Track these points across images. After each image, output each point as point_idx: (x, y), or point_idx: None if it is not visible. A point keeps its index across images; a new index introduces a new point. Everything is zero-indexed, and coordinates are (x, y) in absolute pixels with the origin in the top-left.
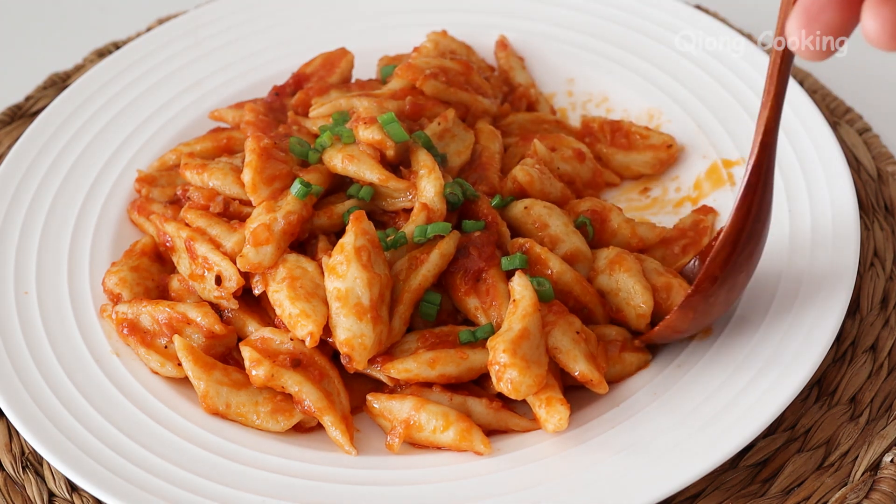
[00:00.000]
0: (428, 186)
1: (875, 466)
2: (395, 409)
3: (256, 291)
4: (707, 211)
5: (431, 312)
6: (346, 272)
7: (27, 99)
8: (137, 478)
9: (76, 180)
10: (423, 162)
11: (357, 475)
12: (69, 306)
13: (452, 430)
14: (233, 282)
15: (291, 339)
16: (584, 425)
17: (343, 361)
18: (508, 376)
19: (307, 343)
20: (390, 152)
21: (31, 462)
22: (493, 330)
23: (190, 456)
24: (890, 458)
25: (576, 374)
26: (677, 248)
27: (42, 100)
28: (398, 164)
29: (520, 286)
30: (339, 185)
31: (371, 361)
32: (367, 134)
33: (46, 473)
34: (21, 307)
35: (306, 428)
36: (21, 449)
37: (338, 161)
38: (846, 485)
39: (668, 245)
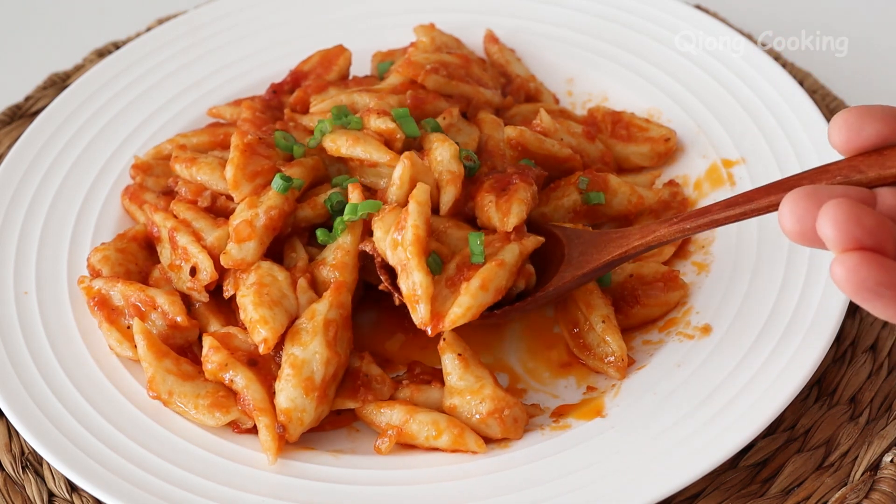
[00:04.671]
0: (443, 151)
1: (875, 466)
2: (386, 416)
3: (227, 294)
4: (674, 183)
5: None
6: (308, 342)
7: (27, 99)
8: (137, 478)
9: (76, 180)
10: (435, 136)
11: (356, 475)
12: (69, 306)
13: (446, 437)
14: (206, 274)
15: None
16: (584, 425)
17: (276, 431)
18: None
19: (261, 349)
20: (399, 144)
21: (31, 462)
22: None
23: (189, 456)
24: (890, 458)
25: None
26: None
27: (42, 100)
28: None
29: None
30: (323, 178)
31: (434, 326)
32: (378, 123)
33: (46, 473)
34: (21, 307)
35: (242, 428)
36: (21, 449)
37: (342, 142)
38: (846, 485)
39: (658, 216)
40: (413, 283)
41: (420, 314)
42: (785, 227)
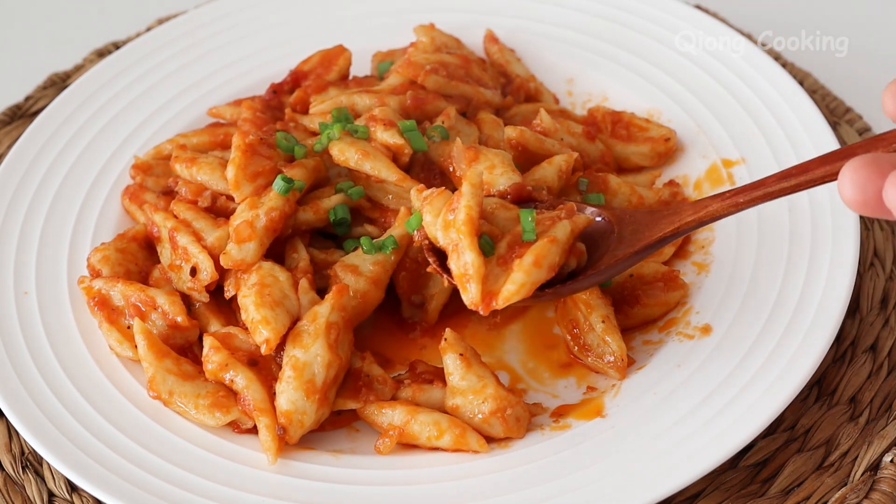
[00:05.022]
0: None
1: (875, 466)
2: (388, 416)
3: (228, 294)
4: (675, 184)
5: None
6: (309, 344)
7: (27, 99)
8: (137, 478)
9: (76, 180)
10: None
11: (356, 475)
12: (69, 306)
13: (448, 437)
14: (206, 274)
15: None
16: (584, 425)
17: (276, 431)
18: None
19: (262, 350)
20: (405, 158)
21: (31, 462)
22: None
23: (189, 456)
24: (890, 458)
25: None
26: None
27: (42, 100)
28: (407, 168)
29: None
30: (324, 180)
31: (487, 305)
32: (385, 136)
33: (46, 473)
34: (21, 307)
35: (242, 428)
36: (21, 449)
37: (351, 154)
38: (846, 485)
39: None
40: (465, 264)
41: (471, 294)
42: (845, 197)
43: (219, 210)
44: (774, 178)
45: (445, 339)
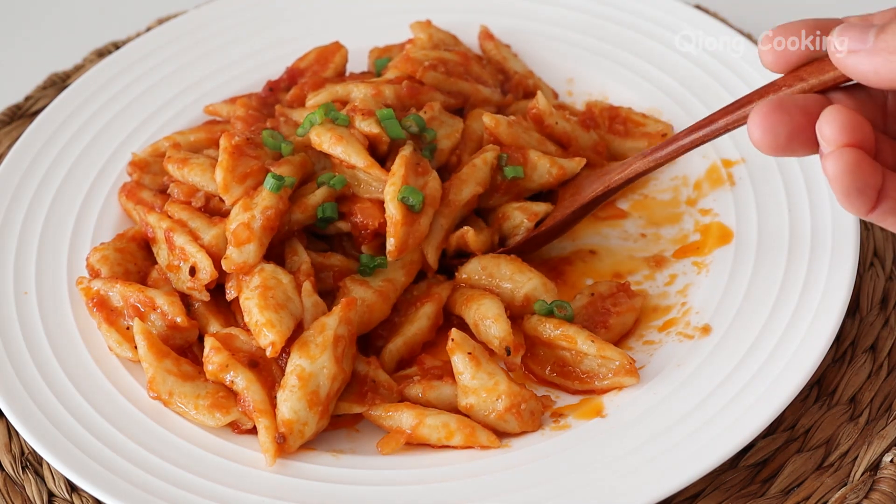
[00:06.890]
0: (388, 189)
1: (875, 466)
2: (395, 420)
3: (230, 296)
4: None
5: None
6: (316, 356)
7: (27, 99)
8: (137, 478)
9: (76, 180)
10: (396, 162)
11: (356, 475)
12: (69, 306)
13: (458, 437)
14: (206, 273)
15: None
16: (583, 425)
17: (276, 439)
18: None
19: (268, 353)
20: (384, 147)
21: (31, 462)
22: None
23: (189, 456)
24: (890, 458)
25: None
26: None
27: (42, 100)
28: (386, 158)
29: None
30: (310, 175)
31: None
32: (363, 125)
33: (46, 473)
34: (21, 307)
35: (242, 429)
36: (21, 449)
37: (325, 139)
38: (846, 485)
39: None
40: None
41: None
42: (755, 139)
43: (213, 210)
44: (685, 132)
45: (452, 340)
